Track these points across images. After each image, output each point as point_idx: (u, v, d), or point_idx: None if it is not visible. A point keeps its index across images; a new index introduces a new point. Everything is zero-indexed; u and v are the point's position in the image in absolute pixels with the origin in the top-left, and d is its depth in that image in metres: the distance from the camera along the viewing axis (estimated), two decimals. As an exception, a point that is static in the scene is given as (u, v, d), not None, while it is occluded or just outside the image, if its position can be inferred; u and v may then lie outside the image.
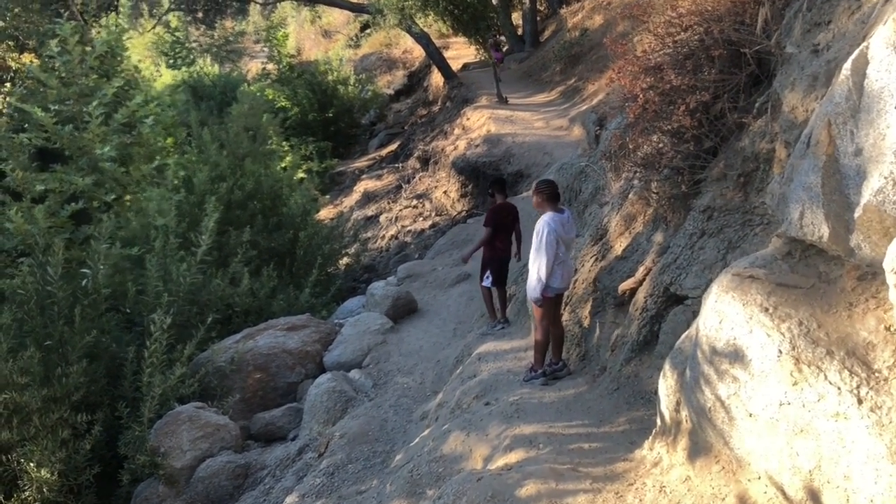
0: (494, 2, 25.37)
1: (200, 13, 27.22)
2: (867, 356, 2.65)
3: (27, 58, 15.85)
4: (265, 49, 30.32)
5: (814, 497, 2.74)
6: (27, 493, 7.30)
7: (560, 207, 6.13)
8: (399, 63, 34.04)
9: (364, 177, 22.96)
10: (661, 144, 5.52)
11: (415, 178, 20.21)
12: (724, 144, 5.09)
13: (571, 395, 5.44)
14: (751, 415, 2.96)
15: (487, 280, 8.70)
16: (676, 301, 5.09)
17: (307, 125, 25.87)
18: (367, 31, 36.72)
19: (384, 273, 15.48)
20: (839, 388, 2.62)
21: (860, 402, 2.56)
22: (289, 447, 8.24)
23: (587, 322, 6.31)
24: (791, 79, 4.05)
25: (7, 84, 14.87)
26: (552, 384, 6.00)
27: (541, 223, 5.97)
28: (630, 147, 5.82)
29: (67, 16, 13.42)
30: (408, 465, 5.33)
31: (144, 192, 12.45)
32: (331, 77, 27.86)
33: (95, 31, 15.72)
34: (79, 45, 12.62)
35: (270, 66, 28.57)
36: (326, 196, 22.72)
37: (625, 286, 5.84)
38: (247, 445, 8.71)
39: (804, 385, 2.72)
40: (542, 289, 5.94)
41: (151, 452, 7.86)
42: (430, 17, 27.07)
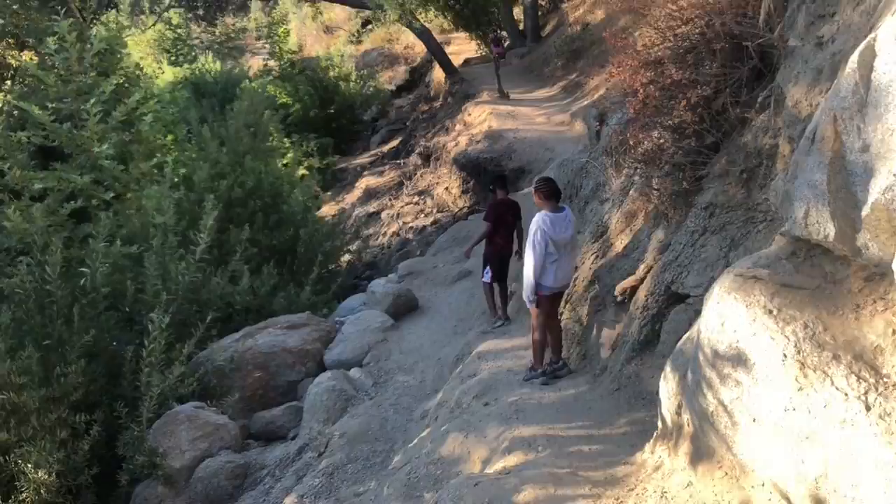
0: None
1: (201, 10, 27.14)
2: (875, 361, 2.54)
3: (27, 55, 15.78)
4: (267, 45, 30.17)
5: (820, 505, 2.63)
6: (25, 495, 7.25)
7: (559, 206, 6.07)
8: (401, 59, 33.87)
9: (366, 173, 22.88)
10: (662, 140, 5.43)
11: (416, 175, 20.12)
12: (726, 140, 4.99)
13: (571, 396, 5.35)
14: (755, 420, 2.86)
15: (487, 275, 8.69)
16: (678, 300, 5.00)
17: (309, 122, 25.77)
18: (369, 27, 36.58)
19: (386, 270, 15.39)
20: (846, 395, 2.52)
21: (868, 409, 2.46)
22: (288, 447, 8.19)
23: (587, 320, 6.23)
24: (794, 72, 3.95)
25: (7, 82, 14.82)
26: (552, 383, 5.93)
27: (533, 222, 5.98)
28: (630, 143, 5.74)
29: (65, 13, 13.31)
30: (405, 468, 5.25)
31: (144, 191, 12.37)
32: (332, 73, 27.79)
33: (96, 29, 15.63)
34: (77, 43, 12.53)
35: (272, 63, 28.45)
36: (328, 193, 22.68)
37: (625, 284, 5.74)
38: (246, 445, 8.66)
39: (810, 391, 2.62)
40: (533, 288, 5.93)
41: (150, 453, 7.81)
42: (431, 13, 27.01)
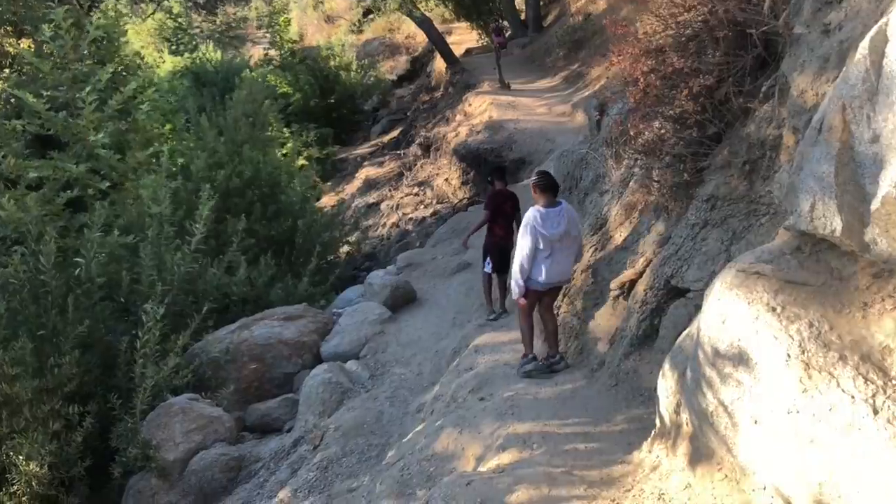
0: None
1: (201, -1, 27.00)
2: (884, 362, 2.42)
3: (25, 43, 15.63)
4: (267, 35, 29.99)
5: (823, 511, 2.52)
6: (16, 487, 7.18)
7: (556, 200, 5.99)
8: (402, 48, 33.70)
9: (366, 164, 22.74)
10: (663, 130, 5.30)
11: (416, 165, 19.98)
12: (729, 130, 4.85)
13: (568, 391, 5.24)
14: (756, 422, 2.75)
15: (488, 266, 8.64)
16: (678, 294, 4.88)
17: (309, 111, 25.64)
18: (370, 17, 36.36)
19: (385, 261, 15.30)
20: (853, 397, 2.40)
21: (876, 413, 2.34)
22: (283, 439, 8.13)
23: (585, 314, 6.11)
24: (800, 61, 3.82)
25: (5, 70, 14.67)
26: (549, 377, 5.83)
27: (525, 216, 5.97)
28: (631, 133, 5.61)
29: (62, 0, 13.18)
30: (399, 463, 5.15)
31: (140, 180, 12.25)
32: (333, 63, 27.63)
33: (95, 16, 15.46)
34: (73, 30, 12.38)
35: (273, 52, 28.29)
36: (328, 183, 22.56)
37: (624, 278, 5.62)
38: (241, 437, 8.60)
39: (814, 393, 2.50)
40: (518, 283, 5.92)
41: (143, 445, 7.73)
42: (432, 2, 26.83)
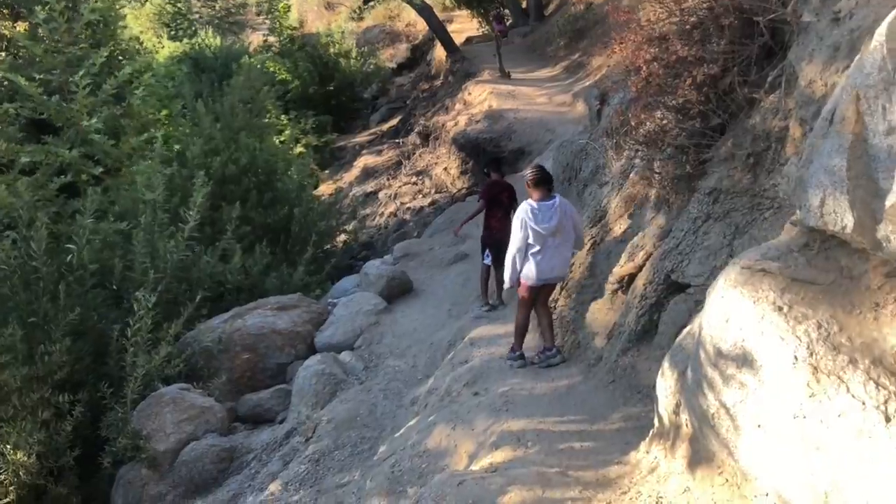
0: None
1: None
2: (896, 366, 2.31)
3: (21, 26, 15.45)
4: (267, 21, 29.78)
5: (829, 520, 2.40)
6: (3, 477, 7.10)
7: (550, 194, 5.95)
8: (402, 36, 33.48)
9: (364, 152, 22.59)
10: (665, 121, 5.16)
11: (415, 155, 19.82)
12: (733, 122, 4.72)
13: (564, 387, 5.12)
14: (759, 426, 2.62)
15: (487, 258, 8.57)
16: (678, 289, 4.76)
17: (308, 99, 25.46)
18: (370, 4, 36.11)
19: (382, 251, 15.19)
20: (863, 403, 2.27)
21: (888, 421, 2.22)
22: (276, 430, 8.05)
23: (583, 307, 5.98)
24: (809, 50, 3.69)
25: (1, 53, 14.48)
26: (545, 371, 5.73)
27: (517, 210, 5.98)
28: (632, 124, 5.47)
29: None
30: (390, 459, 5.04)
31: (135, 166, 12.11)
32: (332, 50, 27.42)
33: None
34: (67, 12, 12.21)
35: (272, 39, 28.08)
36: (326, 171, 22.42)
37: (623, 271, 5.49)
38: (233, 428, 8.51)
39: (823, 398, 2.37)
40: (511, 276, 5.95)
41: (133, 435, 7.65)
42: (433, -11, 26.57)
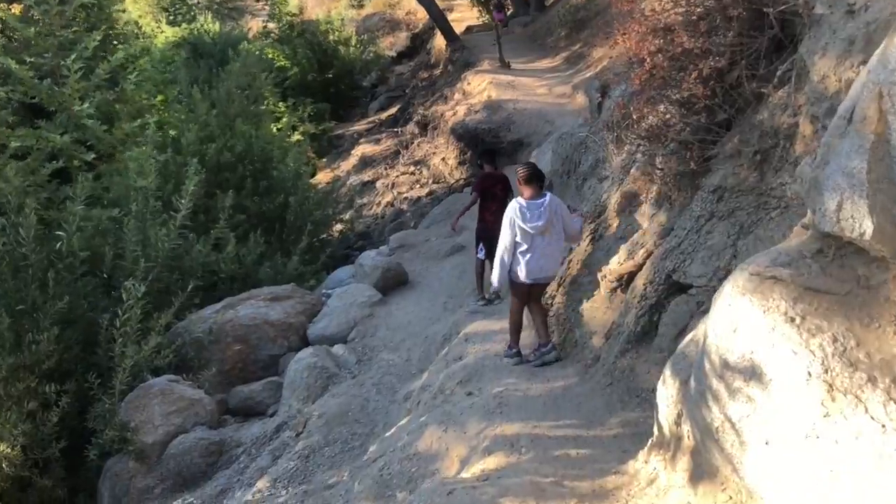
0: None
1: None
2: (920, 387, 2.14)
3: (17, 8, 15.23)
4: (266, 7, 29.57)
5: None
6: (-14, 468, 6.96)
7: (541, 192, 5.91)
8: (402, 24, 33.29)
9: (362, 141, 22.41)
10: (669, 115, 5.00)
11: (413, 144, 19.63)
12: (740, 117, 4.55)
13: (560, 388, 4.97)
14: (767, 443, 2.46)
15: (481, 252, 8.47)
16: (679, 289, 4.61)
17: (306, 86, 25.28)
18: (371, -9, 35.89)
19: (379, 241, 15.04)
20: (884, 426, 2.12)
21: (910, 445, 2.07)
22: (266, 424, 7.93)
23: (580, 305, 5.83)
24: (821, 43, 3.52)
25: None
26: (540, 371, 5.60)
27: (507, 209, 5.95)
28: (634, 117, 5.30)
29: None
30: (379, 461, 4.89)
31: (126, 153, 11.93)
32: (332, 37, 27.20)
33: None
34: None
35: (272, 25, 27.86)
36: (323, 159, 22.24)
37: (622, 270, 5.33)
38: (223, 420, 8.40)
39: (838, 417, 2.21)
40: (502, 277, 5.95)
41: (121, 427, 7.52)
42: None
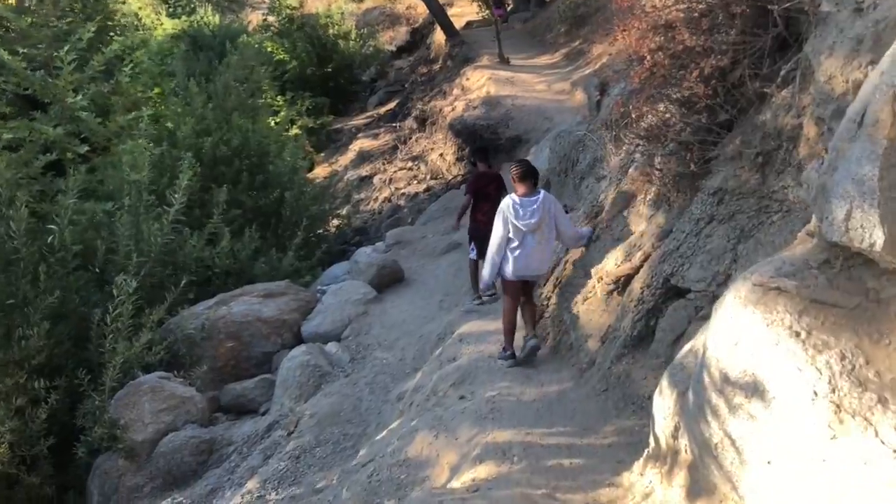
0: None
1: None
2: (932, 409, 2.02)
3: (12, -1, 15.09)
4: (267, 0, 29.33)
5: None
6: (-28, 466, 6.86)
7: (535, 190, 5.87)
8: (402, 19, 33.09)
9: (360, 135, 22.25)
10: (669, 115, 4.87)
11: (411, 139, 19.47)
12: (742, 118, 4.43)
13: (554, 393, 4.86)
14: (769, 462, 2.35)
15: (473, 252, 8.39)
16: (677, 294, 4.49)
17: (305, 80, 25.11)
18: (371, -15, 35.66)
19: (375, 237, 14.92)
20: (895, 452, 2.01)
21: (922, 472, 1.96)
22: (258, 423, 7.84)
23: (576, 308, 5.71)
24: (828, 42, 3.39)
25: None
26: (534, 374, 5.50)
27: (500, 205, 5.94)
28: (633, 116, 5.17)
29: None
30: (369, 466, 4.78)
31: (120, 146, 11.80)
32: (331, 31, 27.00)
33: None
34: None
35: (271, 18, 27.68)
36: (321, 154, 22.10)
37: (619, 272, 5.21)
38: (214, 418, 8.31)
39: (846, 441, 2.09)
40: (492, 275, 5.98)
41: (110, 424, 7.43)
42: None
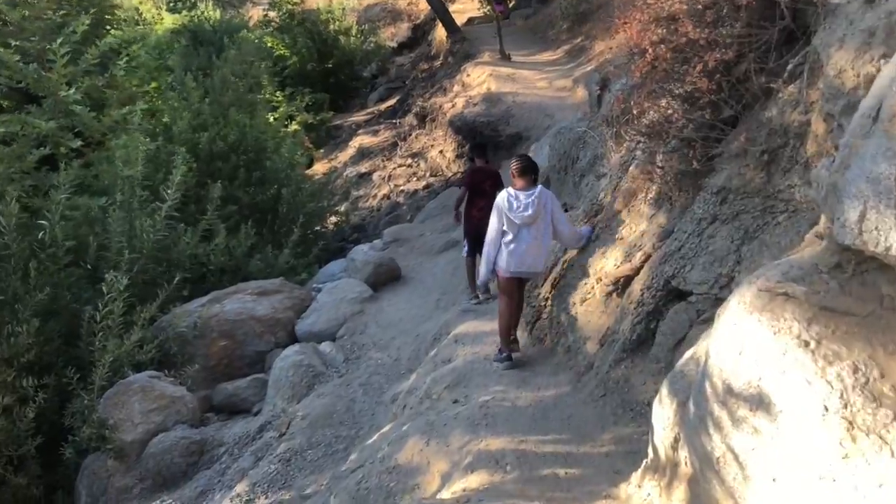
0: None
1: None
2: (954, 428, 1.87)
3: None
4: (267, -5, 29.20)
5: None
6: (-44, 467, 6.73)
7: (533, 184, 5.80)
8: (404, 15, 32.89)
9: (360, 132, 22.11)
10: (671, 110, 4.70)
11: (411, 136, 19.32)
12: (747, 114, 4.26)
13: (551, 398, 4.70)
14: (775, 480, 2.18)
15: (464, 250, 8.35)
16: (678, 296, 4.33)
17: (305, 75, 25.03)
18: (373, -20, 35.48)
19: (374, 234, 14.78)
20: (912, 475, 1.86)
21: (943, 498, 1.80)
22: (249, 423, 7.71)
23: (574, 309, 5.55)
24: (838, 35, 3.23)
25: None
26: (531, 375, 5.37)
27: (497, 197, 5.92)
28: (634, 112, 5.00)
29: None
30: (358, 473, 4.62)
31: (113, 140, 11.65)
32: (332, 27, 26.87)
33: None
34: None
35: (272, 14, 27.54)
36: (321, 150, 21.97)
37: (619, 273, 5.04)
38: (206, 419, 8.17)
39: (859, 461, 1.93)
40: (487, 269, 5.94)
41: (99, 424, 7.29)
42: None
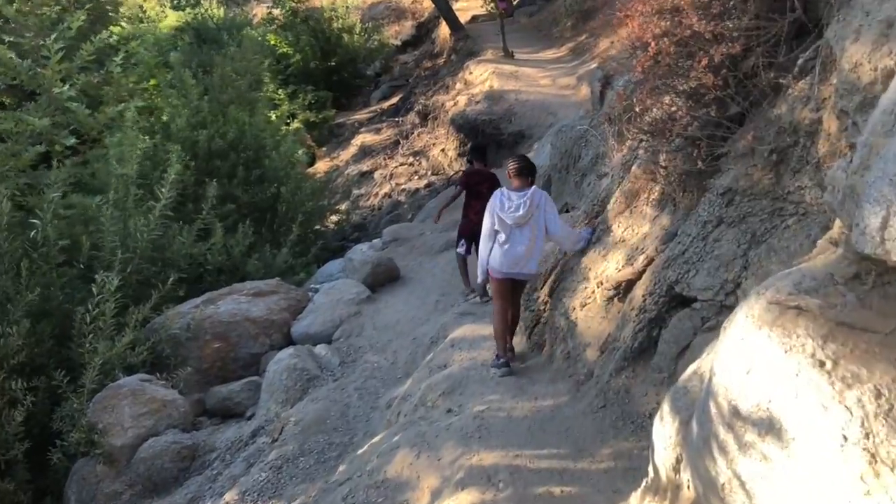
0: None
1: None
2: None
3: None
4: (271, -8, 29.12)
5: None
6: (-59, 472, 6.59)
7: (528, 185, 5.77)
8: (408, 13, 32.81)
9: (363, 130, 22.03)
10: (675, 108, 4.50)
11: (413, 134, 19.18)
12: (755, 111, 4.05)
13: (548, 409, 4.50)
14: (785, 514, 2.00)
15: (462, 247, 8.27)
16: (682, 303, 4.13)
17: (308, 73, 25.07)
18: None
19: (374, 233, 14.65)
20: (944, 518, 1.65)
21: (978, 544, 1.60)
22: (242, 428, 7.55)
23: (574, 315, 5.35)
24: (853, 26, 3.02)
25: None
26: (528, 383, 5.19)
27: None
28: (636, 110, 4.79)
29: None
30: (345, 486, 4.43)
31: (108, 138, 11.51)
32: (336, 25, 26.79)
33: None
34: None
35: (276, 11, 27.47)
36: (323, 148, 21.88)
37: (620, 277, 4.84)
38: (198, 422, 8.02)
39: (883, 498, 1.71)
40: (482, 268, 5.92)
41: (88, 428, 7.15)
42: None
